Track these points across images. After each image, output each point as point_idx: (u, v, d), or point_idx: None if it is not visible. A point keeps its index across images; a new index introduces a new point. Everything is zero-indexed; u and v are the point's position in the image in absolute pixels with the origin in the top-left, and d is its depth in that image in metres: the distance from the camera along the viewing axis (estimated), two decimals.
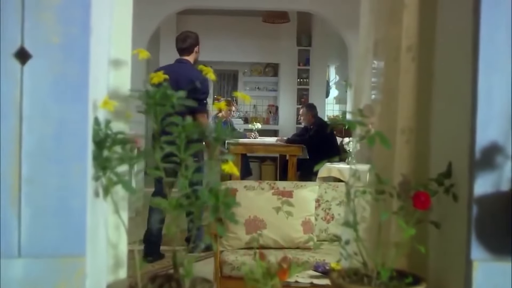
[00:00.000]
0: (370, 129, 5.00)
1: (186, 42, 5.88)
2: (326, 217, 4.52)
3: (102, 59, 1.58)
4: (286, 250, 4.17)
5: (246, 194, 4.37)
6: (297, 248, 4.25)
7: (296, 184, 4.60)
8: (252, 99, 11.33)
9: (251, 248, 4.20)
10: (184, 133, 1.44)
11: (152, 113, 1.53)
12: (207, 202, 1.49)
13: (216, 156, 1.48)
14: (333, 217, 4.52)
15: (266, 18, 10.16)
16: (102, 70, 1.58)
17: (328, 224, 4.51)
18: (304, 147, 8.16)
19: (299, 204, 4.29)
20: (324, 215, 4.52)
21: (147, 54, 1.56)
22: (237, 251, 4.14)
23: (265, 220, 4.22)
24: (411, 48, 1.71)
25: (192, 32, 6.01)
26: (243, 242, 4.19)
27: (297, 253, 4.14)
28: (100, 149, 1.49)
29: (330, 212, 4.53)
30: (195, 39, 5.91)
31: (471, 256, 1.44)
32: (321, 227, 4.50)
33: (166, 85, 1.52)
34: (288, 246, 4.24)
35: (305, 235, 4.26)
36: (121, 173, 1.52)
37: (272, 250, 4.17)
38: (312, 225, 4.32)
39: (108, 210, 1.61)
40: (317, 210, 4.48)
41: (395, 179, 1.73)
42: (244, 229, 4.19)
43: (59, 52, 1.39)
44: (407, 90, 1.71)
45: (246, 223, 4.21)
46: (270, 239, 4.20)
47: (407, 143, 1.71)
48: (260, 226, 4.21)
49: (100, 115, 1.51)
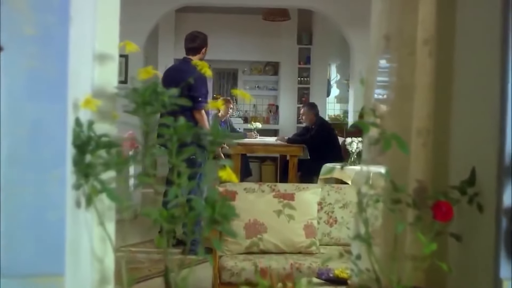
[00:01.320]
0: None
1: (195, 42, 5.84)
2: (329, 220, 4.36)
3: (84, 52, 1.41)
4: (287, 255, 4.01)
5: (246, 197, 4.20)
6: (299, 253, 4.08)
7: (298, 187, 4.43)
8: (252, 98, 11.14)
9: (251, 253, 4.03)
10: (176, 135, 1.27)
11: (141, 113, 1.36)
12: (202, 214, 1.33)
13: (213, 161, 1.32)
14: (336, 220, 4.36)
15: (266, 16, 9.99)
16: (84, 65, 1.42)
17: (331, 228, 4.35)
18: (305, 147, 8.00)
19: (301, 207, 4.13)
20: (327, 218, 4.36)
21: (134, 47, 1.39)
22: (236, 256, 3.98)
23: (265, 224, 4.05)
24: (428, 41, 1.54)
25: (202, 33, 5.98)
26: (242, 246, 4.03)
27: (299, 258, 3.98)
28: (81, 153, 1.33)
29: (333, 215, 4.36)
30: (204, 40, 5.89)
31: (500, 274, 1.27)
32: (324, 231, 4.33)
33: (156, 82, 1.36)
34: (289, 251, 4.07)
35: (307, 240, 4.09)
36: (107, 180, 1.36)
37: (273, 255, 4.01)
38: (314, 229, 4.16)
39: (92, 221, 1.44)
40: (320, 213, 4.31)
41: (409, 186, 1.56)
42: (244, 233, 4.03)
43: (34, 44, 1.23)
44: (424, 88, 1.55)
45: (246, 227, 4.05)
46: (271, 243, 4.04)
47: (424, 146, 1.55)
48: (261, 230, 4.05)
49: (82, 116, 1.35)
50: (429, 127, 1.54)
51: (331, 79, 11.97)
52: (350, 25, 8.35)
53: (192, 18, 10.69)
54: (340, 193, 4.40)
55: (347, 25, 8.41)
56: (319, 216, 4.31)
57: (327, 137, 8.06)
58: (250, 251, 4.04)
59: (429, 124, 1.54)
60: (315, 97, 11.19)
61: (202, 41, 5.88)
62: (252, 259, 3.92)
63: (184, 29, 9.70)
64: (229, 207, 1.31)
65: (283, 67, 11.57)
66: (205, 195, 1.37)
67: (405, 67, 1.58)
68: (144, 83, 1.39)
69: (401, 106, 1.62)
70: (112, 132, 1.47)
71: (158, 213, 1.37)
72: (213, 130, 1.27)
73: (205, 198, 1.35)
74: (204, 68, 1.36)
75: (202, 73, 1.42)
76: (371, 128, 1.39)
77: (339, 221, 4.36)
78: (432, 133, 1.55)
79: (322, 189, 4.39)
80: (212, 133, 1.27)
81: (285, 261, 3.91)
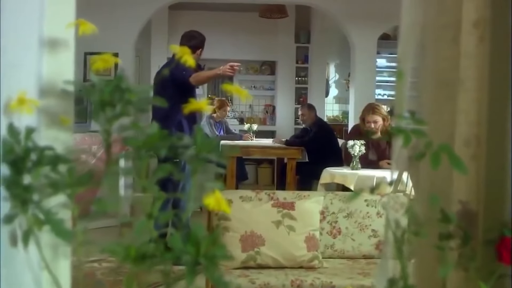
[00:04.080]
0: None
1: (191, 42, 5.56)
2: (332, 231, 4.00)
3: (25, 37, 1.06)
4: (287, 270, 3.66)
5: (241, 206, 3.84)
6: (300, 268, 3.72)
7: (298, 194, 4.07)
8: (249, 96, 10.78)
9: (248, 268, 3.68)
10: (145, 149, 0.92)
11: (100, 118, 1.01)
12: (182, 254, 0.97)
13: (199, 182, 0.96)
14: (340, 231, 4.00)
15: (263, 12, 9.63)
16: (25, 54, 1.06)
17: (335, 239, 3.99)
18: (303, 150, 7.64)
19: (302, 218, 3.78)
20: (330, 229, 4.00)
21: (91, 28, 1.03)
22: (231, 271, 3.62)
23: (263, 236, 3.69)
24: (479, 23, 1.18)
25: (201, 34, 5.78)
26: (238, 261, 3.67)
27: (300, 273, 3.62)
28: (17, 173, 0.97)
29: (337, 226, 4.00)
30: (200, 42, 5.71)
31: None
32: (327, 243, 3.97)
33: (120, 76, 1.00)
34: (290, 265, 3.71)
35: (309, 253, 3.73)
36: (54, 207, 1.01)
37: (272, 270, 3.65)
38: (316, 241, 3.80)
39: (38, 263, 1.08)
40: (322, 223, 3.95)
41: (450, 208, 1.21)
42: (239, 246, 3.67)
43: None
44: (473, 84, 1.19)
45: (242, 240, 3.69)
46: (269, 257, 3.68)
47: (473, 159, 1.19)
48: (258, 243, 3.69)
49: (20, 121, 0.99)
50: (480, 134, 1.19)
51: (329, 79, 11.61)
52: (351, 22, 7.99)
53: (186, 15, 10.33)
54: (344, 201, 4.05)
55: (348, 21, 8.05)
56: (322, 227, 3.95)
57: (327, 139, 7.71)
58: (247, 266, 3.68)
59: (480, 131, 1.19)
60: (313, 97, 10.85)
61: (199, 42, 5.66)
62: (249, 275, 3.56)
63: (178, 27, 9.34)
64: (219, 246, 0.96)
65: (280, 67, 11.21)
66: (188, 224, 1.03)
67: (447, 57, 1.23)
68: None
69: (439, 108, 1.26)
70: (67, 142, 1.12)
71: (124, 251, 1.02)
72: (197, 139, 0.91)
73: (186, 232, 0.99)
74: (185, 55, 1.01)
75: (180, 62, 1.07)
76: (409, 136, 1.03)
77: (343, 232, 4.01)
78: (484, 143, 1.19)
79: (324, 197, 4.03)
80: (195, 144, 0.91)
81: (285, 277, 3.55)
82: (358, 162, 5.86)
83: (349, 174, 5.76)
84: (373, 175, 5.65)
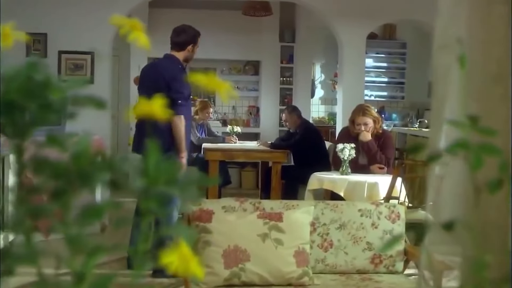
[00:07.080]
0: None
1: (180, 36, 5.09)
2: (324, 244, 3.66)
3: None
4: None
5: (224, 217, 3.49)
6: (288, 285, 3.39)
7: (286, 204, 3.72)
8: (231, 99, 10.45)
9: (232, 286, 3.33)
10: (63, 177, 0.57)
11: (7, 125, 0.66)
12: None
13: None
14: (332, 244, 3.66)
15: (247, 10, 9.28)
16: None
17: (326, 253, 3.65)
18: (289, 153, 7.30)
19: (291, 230, 3.44)
20: (321, 241, 3.66)
21: None
22: None
23: (248, 251, 3.35)
24: None
25: (192, 28, 5.20)
26: (221, 278, 3.32)
27: None
28: None
29: (328, 238, 3.66)
30: (191, 37, 5.12)
31: None
32: (318, 257, 3.63)
33: (34, 63, 0.65)
34: (277, 283, 3.37)
35: (298, 269, 3.39)
36: None
37: None
38: (307, 256, 3.46)
39: None
40: (312, 235, 3.61)
41: None
42: (222, 262, 3.32)
43: None
44: None
45: (225, 255, 3.34)
46: (255, 274, 3.34)
47: None
48: (243, 259, 3.34)
49: None
50: None
51: (315, 79, 11.30)
52: (339, 19, 7.68)
53: (166, 13, 9.95)
54: (336, 211, 3.71)
55: (335, 19, 7.73)
56: (312, 239, 3.61)
57: (314, 142, 7.37)
58: (230, 284, 3.33)
59: None
60: (299, 98, 10.53)
61: (189, 37, 5.10)
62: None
63: (159, 25, 8.96)
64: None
65: (264, 66, 10.86)
66: None
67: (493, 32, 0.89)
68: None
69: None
70: None
71: None
72: (148, 165, 0.57)
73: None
74: (136, 32, 0.66)
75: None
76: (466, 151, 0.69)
77: (336, 245, 3.67)
78: None
79: (315, 207, 3.69)
80: (145, 171, 0.56)
81: None
82: (348, 167, 5.54)
83: (339, 180, 5.44)
84: (364, 181, 5.34)
